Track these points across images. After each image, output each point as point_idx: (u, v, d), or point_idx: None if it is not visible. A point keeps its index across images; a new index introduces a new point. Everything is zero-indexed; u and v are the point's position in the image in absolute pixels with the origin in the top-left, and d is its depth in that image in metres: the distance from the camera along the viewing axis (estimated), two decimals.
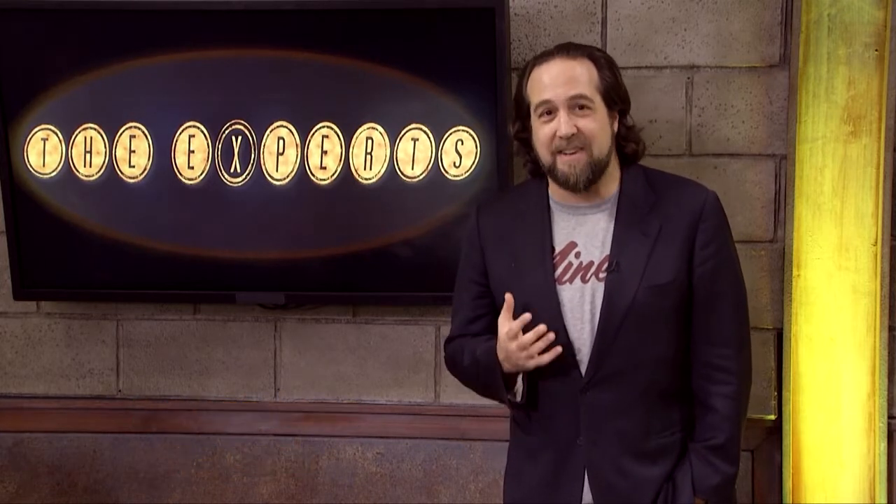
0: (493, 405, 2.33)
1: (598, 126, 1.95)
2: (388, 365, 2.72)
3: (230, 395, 2.77)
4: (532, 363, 1.92)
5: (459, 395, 2.52)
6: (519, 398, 2.02)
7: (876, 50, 2.40)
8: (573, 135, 1.92)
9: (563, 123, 1.92)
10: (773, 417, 2.58)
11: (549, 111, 1.95)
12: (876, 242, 2.43)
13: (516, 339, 1.91)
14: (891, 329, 2.49)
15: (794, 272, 2.47)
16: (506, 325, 1.93)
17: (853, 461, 2.45)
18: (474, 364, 2.05)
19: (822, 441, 2.46)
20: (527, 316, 1.91)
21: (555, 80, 1.94)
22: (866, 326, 2.43)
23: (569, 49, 1.99)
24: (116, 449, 2.78)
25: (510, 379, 2.00)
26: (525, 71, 2.01)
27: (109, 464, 2.79)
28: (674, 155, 2.57)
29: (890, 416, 2.49)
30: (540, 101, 1.96)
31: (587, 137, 1.93)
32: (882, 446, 2.45)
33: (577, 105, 1.94)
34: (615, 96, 1.98)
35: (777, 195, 2.56)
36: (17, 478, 2.82)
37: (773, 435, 2.57)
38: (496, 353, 1.97)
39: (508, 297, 1.94)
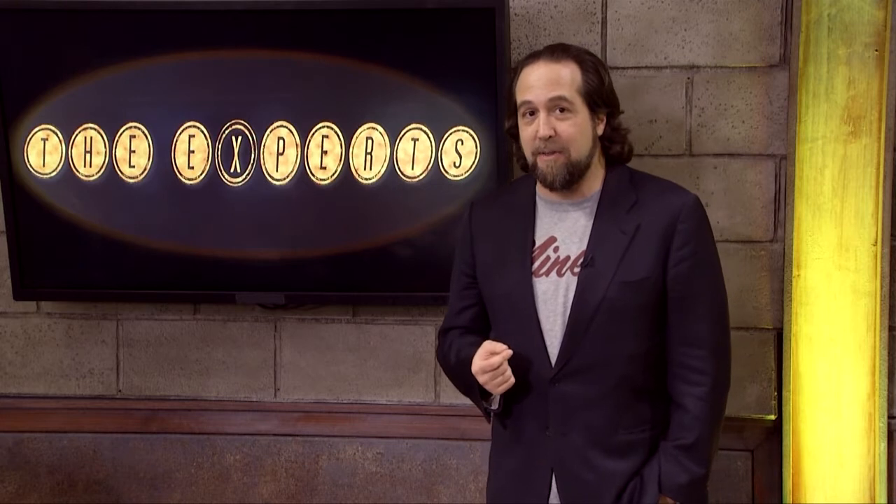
0: None
1: (577, 130, 1.97)
2: (388, 365, 2.72)
3: (230, 395, 2.77)
4: (501, 389, 1.98)
5: (459, 395, 2.51)
6: (495, 406, 2.05)
7: (876, 50, 2.40)
8: (551, 137, 1.96)
9: (541, 125, 1.96)
10: (773, 417, 2.58)
11: (531, 112, 1.98)
12: (876, 242, 2.42)
13: (489, 374, 1.97)
14: (891, 329, 2.49)
15: (794, 272, 2.47)
16: (479, 362, 1.97)
17: (853, 461, 2.45)
18: (458, 366, 2.10)
19: (822, 441, 2.46)
20: (507, 353, 1.95)
21: (537, 82, 1.97)
22: (866, 326, 2.43)
23: (554, 51, 2.01)
24: (116, 449, 2.78)
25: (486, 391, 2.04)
26: (515, 70, 2.05)
27: (109, 464, 2.79)
28: (674, 155, 2.57)
29: (890, 416, 2.49)
30: (522, 101, 1.99)
31: (565, 141, 1.96)
32: (882, 446, 2.45)
33: (558, 107, 1.96)
34: (599, 99, 2.00)
35: (777, 195, 2.56)
36: (17, 478, 2.82)
37: (773, 435, 2.57)
38: (470, 367, 2.01)
39: (489, 345, 1.97)
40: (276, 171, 2.58)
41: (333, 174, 2.57)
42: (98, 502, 2.80)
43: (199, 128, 2.59)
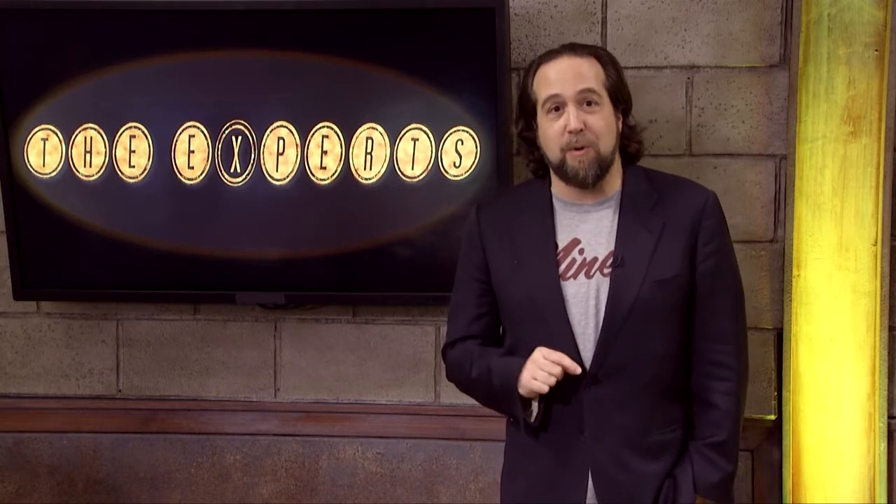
0: None
1: (604, 123, 1.96)
2: (388, 365, 2.72)
3: (230, 395, 2.77)
4: (535, 385, 1.93)
5: (459, 395, 2.51)
6: (532, 419, 2.01)
7: (876, 50, 2.40)
8: (581, 130, 1.93)
9: (572, 118, 1.93)
10: (773, 417, 2.58)
11: (558, 107, 1.95)
12: (876, 242, 2.43)
13: (547, 362, 1.92)
14: (891, 329, 2.49)
15: (794, 272, 2.47)
16: (553, 354, 1.93)
17: (853, 461, 2.45)
18: (486, 378, 2.04)
19: (822, 441, 2.46)
20: (572, 369, 1.91)
21: (563, 76, 1.96)
22: (866, 326, 2.43)
23: (574, 48, 2.01)
24: (116, 449, 2.78)
25: (526, 400, 2.00)
26: (530, 69, 2.03)
27: (109, 464, 2.79)
28: (674, 155, 2.57)
29: (890, 416, 2.49)
30: (548, 95, 1.96)
31: (595, 134, 1.94)
32: (882, 446, 2.45)
33: (586, 100, 1.95)
34: (619, 95, 2.00)
35: (777, 195, 2.56)
36: (17, 478, 2.82)
37: (773, 435, 2.57)
38: (516, 372, 1.97)
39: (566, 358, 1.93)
40: (276, 171, 2.58)
41: (333, 174, 2.57)
42: (98, 502, 2.80)
43: (199, 128, 2.59)
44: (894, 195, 2.45)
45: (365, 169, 2.56)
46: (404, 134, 2.54)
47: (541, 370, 1.92)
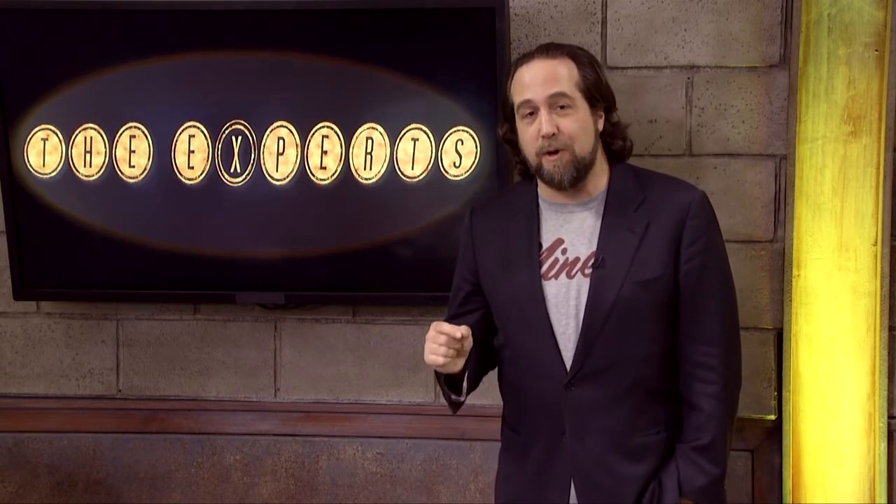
0: (493, 405, 2.34)
1: (579, 125, 1.95)
2: (388, 365, 2.72)
3: (230, 395, 2.77)
4: (431, 359, 1.91)
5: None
6: (463, 397, 2.03)
7: (876, 50, 2.40)
8: (554, 134, 1.93)
9: (544, 123, 1.93)
10: (773, 417, 2.58)
11: (531, 111, 1.96)
12: (876, 242, 2.43)
13: (434, 333, 1.91)
14: (891, 329, 2.49)
15: (794, 272, 2.47)
16: (443, 326, 1.91)
17: (853, 461, 2.45)
18: None
19: (822, 441, 2.46)
20: (453, 335, 1.88)
21: (535, 80, 1.95)
22: (866, 326, 2.43)
23: (549, 49, 2.00)
24: (116, 449, 2.78)
25: (458, 383, 2.02)
26: (510, 72, 2.03)
27: (109, 464, 2.79)
28: (674, 155, 2.57)
29: (890, 416, 2.49)
30: (521, 101, 1.96)
31: (568, 137, 1.94)
32: (882, 446, 2.45)
33: (558, 104, 1.94)
34: (597, 94, 1.98)
35: (777, 195, 2.56)
36: (17, 478, 2.82)
37: (773, 435, 2.57)
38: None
39: (464, 329, 1.91)
40: (276, 171, 2.58)
41: (333, 174, 2.57)
42: (98, 502, 2.80)
43: (199, 128, 2.59)
44: (894, 195, 2.45)
45: (365, 169, 2.56)
46: (404, 134, 2.54)
47: (432, 343, 1.91)
